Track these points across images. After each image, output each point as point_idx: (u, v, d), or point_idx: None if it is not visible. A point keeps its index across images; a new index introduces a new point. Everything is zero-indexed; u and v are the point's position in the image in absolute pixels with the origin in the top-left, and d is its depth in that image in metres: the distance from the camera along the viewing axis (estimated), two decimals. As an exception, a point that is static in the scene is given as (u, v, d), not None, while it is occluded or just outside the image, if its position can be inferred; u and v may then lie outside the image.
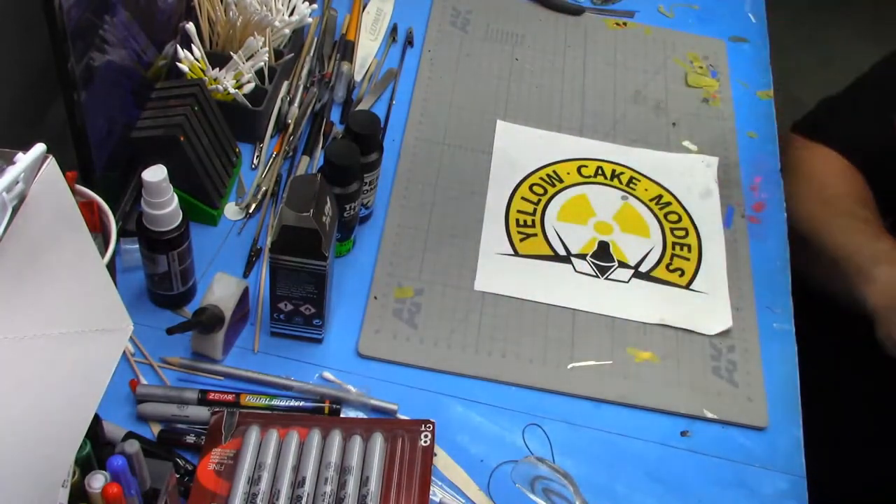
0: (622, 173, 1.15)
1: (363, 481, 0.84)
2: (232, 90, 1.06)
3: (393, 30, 1.28)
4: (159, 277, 0.92)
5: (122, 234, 0.95)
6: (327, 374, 0.94)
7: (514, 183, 1.12)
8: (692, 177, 1.16)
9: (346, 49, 1.22)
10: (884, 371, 1.08)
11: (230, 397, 0.89)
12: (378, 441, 0.86)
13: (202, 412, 0.88)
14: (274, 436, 0.86)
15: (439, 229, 1.07)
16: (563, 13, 1.35)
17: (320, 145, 1.12)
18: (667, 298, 1.04)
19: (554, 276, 1.04)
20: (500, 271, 1.04)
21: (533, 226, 1.08)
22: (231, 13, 1.10)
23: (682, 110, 1.24)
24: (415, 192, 1.10)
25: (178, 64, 1.05)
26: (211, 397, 0.89)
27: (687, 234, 1.10)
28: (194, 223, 0.98)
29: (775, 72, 1.33)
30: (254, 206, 1.05)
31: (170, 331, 0.88)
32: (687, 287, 1.05)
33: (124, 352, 0.91)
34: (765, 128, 1.25)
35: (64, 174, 0.67)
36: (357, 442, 0.86)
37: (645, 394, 0.96)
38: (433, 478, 0.87)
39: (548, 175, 1.14)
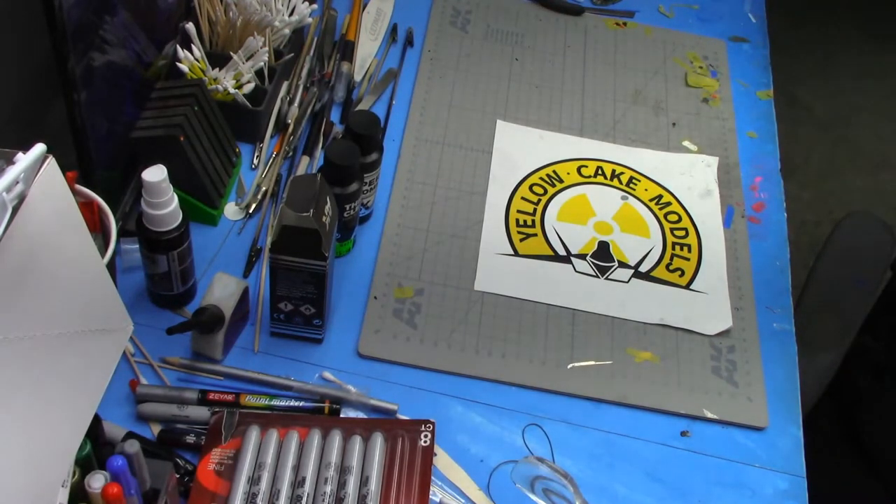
0: (622, 173, 1.15)
1: (363, 481, 0.84)
2: (232, 90, 1.06)
3: (393, 30, 1.28)
4: (159, 277, 0.92)
5: (122, 234, 0.95)
6: (327, 374, 0.94)
7: (514, 183, 1.12)
8: (692, 177, 1.16)
9: (346, 49, 1.22)
10: None
11: (230, 397, 0.89)
12: (378, 441, 0.86)
13: (202, 412, 0.88)
14: (274, 436, 0.86)
15: (439, 229, 1.07)
16: (563, 13, 1.35)
17: (320, 145, 1.12)
18: (667, 298, 1.04)
19: (554, 276, 1.04)
20: (500, 271, 1.04)
21: (533, 226, 1.08)
22: (231, 13, 1.10)
23: (682, 110, 1.25)
24: (415, 192, 1.10)
25: (178, 64, 1.05)
26: (211, 397, 0.89)
27: (687, 234, 1.10)
28: (194, 223, 0.98)
29: (775, 72, 1.33)
30: (254, 206, 1.05)
31: (170, 331, 0.88)
32: (687, 287, 1.05)
33: (124, 352, 0.91)
34: (765, 128, 1.25)
35: (64, 174, 0.67)
36: (357, 442, 0.86)
37: (645, 394, 0.96)
38: (433, 478, 0.87)
39: (548, 175, 1.14)
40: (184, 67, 1.05)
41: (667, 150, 1.19)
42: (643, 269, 1.06)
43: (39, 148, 0.64)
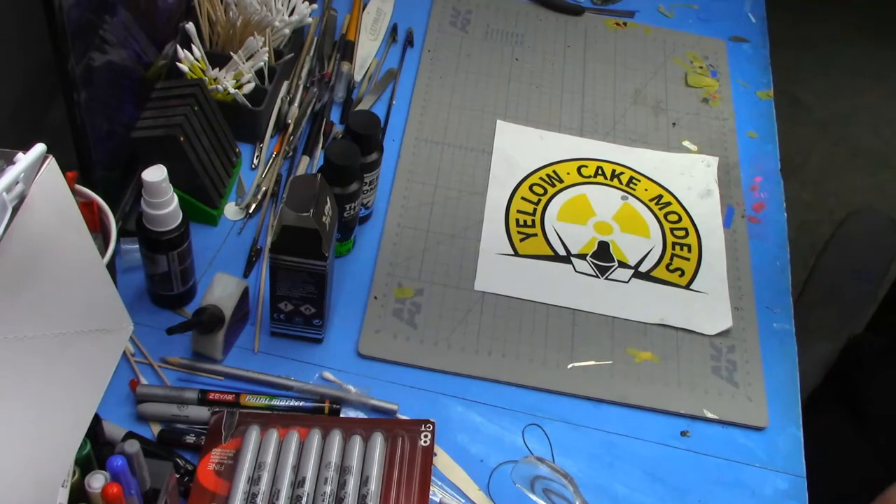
0: (622, 173, 1.15)
1: (363, 481, 0.84)
2: (232, 90, 1.06)
3: (393, 30, 1.28)
4: (159, 277, 0.92)
5: (122, 234, 0.95)
6: (327, 374, 0.94)
7: (514, 183, 1.12)
8: (692, 177, 1.16)
9: (346, 49, 1.22)
10: None
11: (230, 397, 0.89)
12: (378, 441, 0.86)
13: (202, 412, 0.88)
14: (274, 436, 0.86)
15: (439, 229, 1.07)
16: (563, 13, 1.35)
17: (320, 145, 1.12)
18: (667, 298, 1.04)
19: (554, 276, 1.04)
20: (500, 271, 1.04)
21: (533, 226, 1.08)
22: (231, 13, 1.10)
23: (682, 110, 1.25)
24: (415, 192, 1.10)
25: (178, 64, 1.05)
26: (211, 397, 0.89)
27: (687, 234, 1.10)
28: (194, 223, 0.98)
29: (775, 72, 1.33)
30: (254, 206, 1.05)
31: (170, 331, 0.88)
32: (687, 287, 1.05)
33: (124, 352, 0.91)
34: (765, 128, 1.25)
35: (64, 174, 0.67)
36: (357, 442, 0.86)
37: (645, 394, 0.96)
38: (433, 478, 0.87)
39: (548, 175, 1.14)
40: (184, 67, 1.05)
41: (667, 150, 1.19)
42: (643, 269, 1.06)
43: (39, 148, 0.64)
